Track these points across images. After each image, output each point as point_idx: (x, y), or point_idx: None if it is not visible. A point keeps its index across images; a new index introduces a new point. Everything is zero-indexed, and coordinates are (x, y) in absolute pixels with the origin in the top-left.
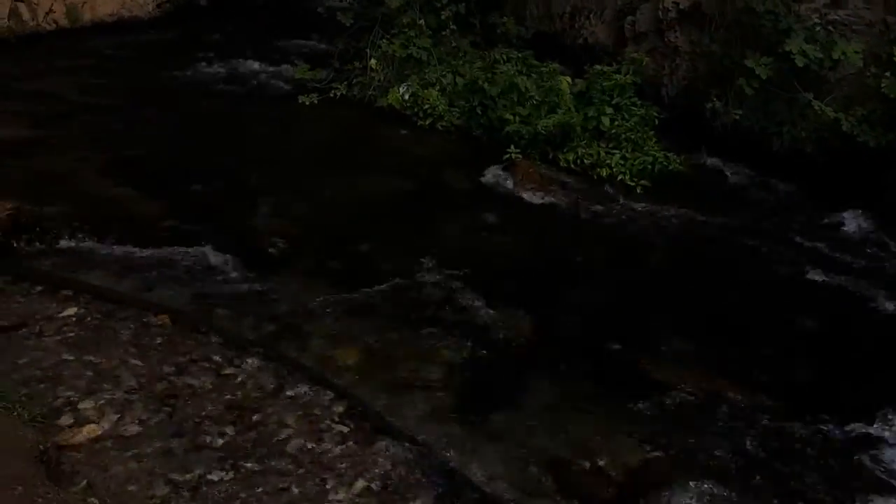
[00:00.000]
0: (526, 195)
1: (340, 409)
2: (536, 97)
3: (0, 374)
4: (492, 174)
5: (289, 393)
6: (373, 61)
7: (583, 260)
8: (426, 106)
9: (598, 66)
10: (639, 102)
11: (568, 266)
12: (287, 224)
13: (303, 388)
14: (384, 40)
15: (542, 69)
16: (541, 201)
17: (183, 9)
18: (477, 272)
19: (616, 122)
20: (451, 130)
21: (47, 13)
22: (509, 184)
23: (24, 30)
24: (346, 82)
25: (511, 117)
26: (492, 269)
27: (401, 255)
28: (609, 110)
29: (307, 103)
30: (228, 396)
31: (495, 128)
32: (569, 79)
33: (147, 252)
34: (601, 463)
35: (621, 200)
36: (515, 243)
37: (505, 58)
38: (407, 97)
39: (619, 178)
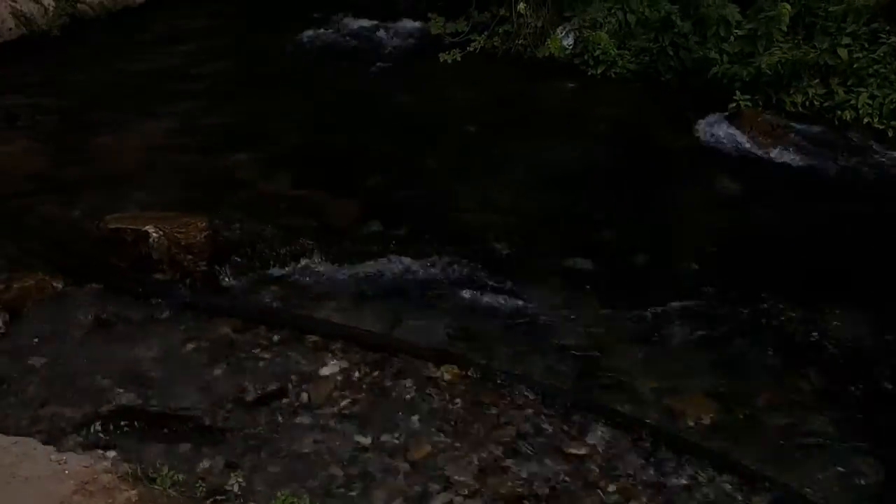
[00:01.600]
0: (761, 151)
1: None
2: (747, 28)
3: (285, 476)
4: (710, 127)
5: (679, 481)
6: (521, 5)
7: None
8: (597, 51)
9: None
10: (886, 28)
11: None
12: (491, 213)
13: (691, 471)
14: None
15: None
16: (782, 159)
17: None
18: (771, 265)
19: (856, 55)
20: (628, 78)
21: None
22: (739, 138)
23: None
24: (485, 33)
25: (717, 56)
26: (784, 259)
27: (649, 246)
28: (846, 40)
29: (449, 61)
30: (602, 495)
31: (690, 70)
32: (787, 5)
33: (367, 269)
34: None
35: (876, 148)
36: (783, 219)
37: None
38: (568, 43)
39: (866, 121)
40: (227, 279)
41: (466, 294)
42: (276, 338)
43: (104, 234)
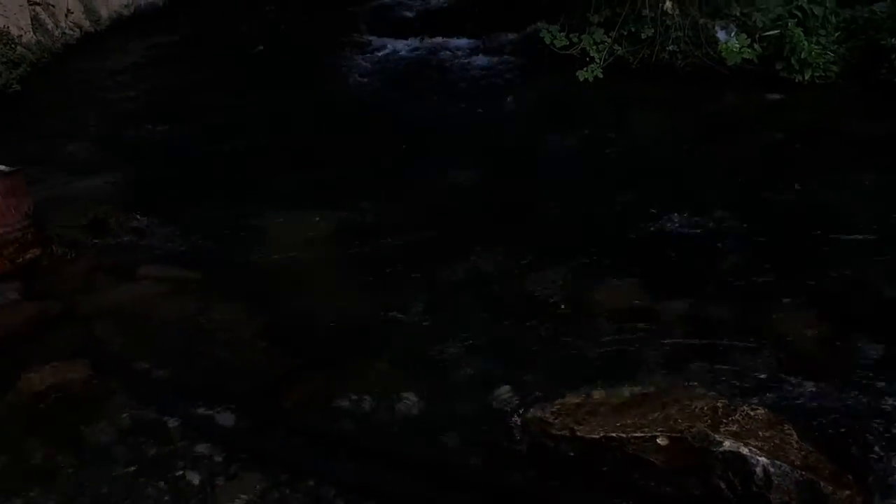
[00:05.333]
0: None
1: None
2: None
3: None
4: None
5: None
6: (668, 3)
7: None
8: (801, 53)
9: None
10: None
11: None
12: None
13: None
14: None
15: None
16: None
17: None
18: None
19: None
20: (835, 83)
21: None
22: None
23: None
24: (612, 39)
25: None
26: None
27: None
28: None
29: (590, 79)
30: None
31: None
32: None
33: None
34: None
35: None
36: None
37: None
38: (735, 45)
39: None
40: None
41: None
42: None
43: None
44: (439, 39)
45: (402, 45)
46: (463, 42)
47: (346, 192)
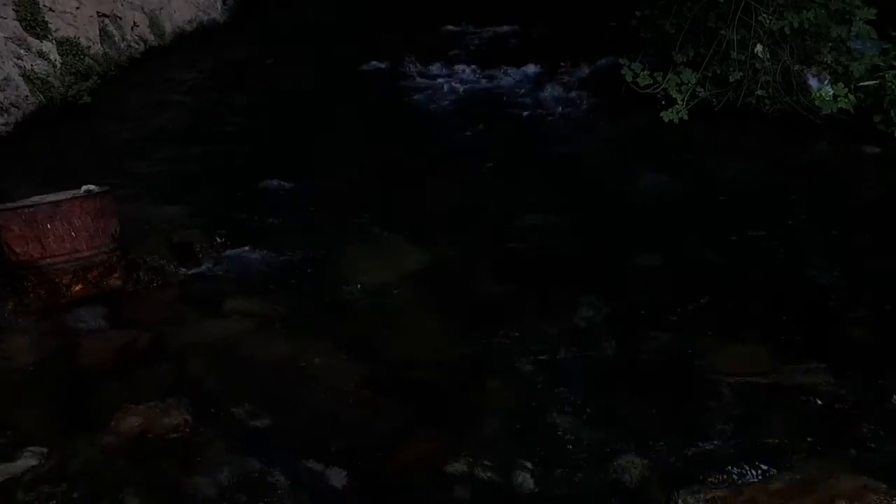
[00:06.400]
0: None
1: None
2: None
3: None
4: None
5: None
6: (759, 47)
7: None
8: None
9: None
10: None
11: None
12: None
13: None
14: (765, 15)
15: None
16: None
17: (245, 3)
18: None
19: None
20: None
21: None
22: None
23: None
24: (693, 80)
25: None
26: None
27: None
28: None
29: (676, 121)
30: None
31: None
32: None
33: None
34: None
35: None
36: None
37: None
38: (828, 93)
39: None
40: None
41: None
42: None
43: None
44: (508, 70)
45: (468, 75)
46: (531, 73)
47: (429, 227)
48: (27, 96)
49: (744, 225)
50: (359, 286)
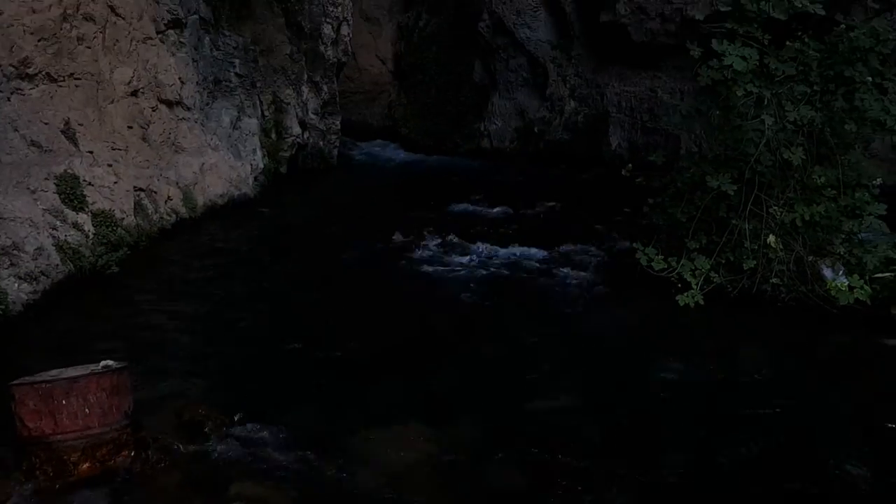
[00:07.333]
0: None
1: None
2: None
3: None
4: None
5: None
6: (772, 237)
7: None
8: None
9: None
10: None
11: None
12: None
13: None
14: (776, 207)
15: None
16: None
17: (273, 180)
18: None
19: None
20: None
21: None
22: None
23: None
24: (707, 266)
25: None
26: None
27: None
28: None
29: (691, 304)
30: None
31: None
32: None
33: None
34: None
35: None
36: None
37: None
38: (843, 283)
39: None
40: None
41: None
42: None
43: None
44: (524, 249)
45: (484, 252)
46: (547, 253)
47: (443, 407)
48: (58, 265)
49: (761, 418)
50: (370, 470)
